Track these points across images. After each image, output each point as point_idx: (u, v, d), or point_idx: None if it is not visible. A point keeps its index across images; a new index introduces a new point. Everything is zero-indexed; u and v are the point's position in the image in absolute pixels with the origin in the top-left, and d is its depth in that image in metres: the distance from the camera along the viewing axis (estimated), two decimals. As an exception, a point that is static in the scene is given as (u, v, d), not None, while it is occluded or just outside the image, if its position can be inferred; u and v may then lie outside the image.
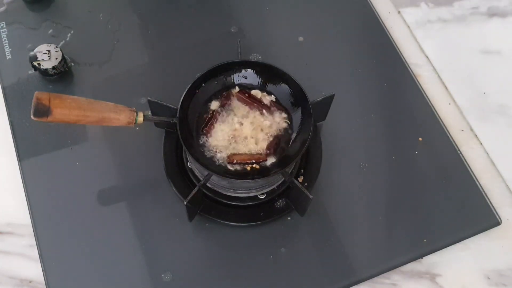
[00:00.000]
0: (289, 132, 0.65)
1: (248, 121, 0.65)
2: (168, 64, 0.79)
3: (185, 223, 0.67)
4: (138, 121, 0.59)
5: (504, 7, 0.82)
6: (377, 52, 0.81)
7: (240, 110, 0.65)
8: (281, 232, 0.67)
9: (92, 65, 0.79)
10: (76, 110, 0.53)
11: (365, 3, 0.85)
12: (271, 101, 0.66)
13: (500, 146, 0.75)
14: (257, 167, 0.62)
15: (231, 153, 0.63)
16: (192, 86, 0.64)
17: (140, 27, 0.83)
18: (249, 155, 0.63)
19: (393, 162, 0.73)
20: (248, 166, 0.62)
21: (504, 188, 0.72)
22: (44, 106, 0.50)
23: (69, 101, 0.52)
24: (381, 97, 0.78)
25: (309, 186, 0.68)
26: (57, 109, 0.51)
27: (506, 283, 0.66)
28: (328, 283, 0.65)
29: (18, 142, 0.72)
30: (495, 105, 0.77)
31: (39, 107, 0.50)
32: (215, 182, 0.67)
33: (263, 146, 0.63)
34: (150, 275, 0.64)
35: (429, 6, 0.85)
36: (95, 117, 0.54)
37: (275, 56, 0.79)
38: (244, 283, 0.65)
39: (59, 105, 0.51)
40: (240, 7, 0.85)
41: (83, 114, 0.53)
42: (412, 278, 0.66)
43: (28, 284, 0.65)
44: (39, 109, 0.50)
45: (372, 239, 0.68)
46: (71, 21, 0.82)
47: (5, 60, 0.78)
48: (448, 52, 0.82)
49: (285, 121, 0.66)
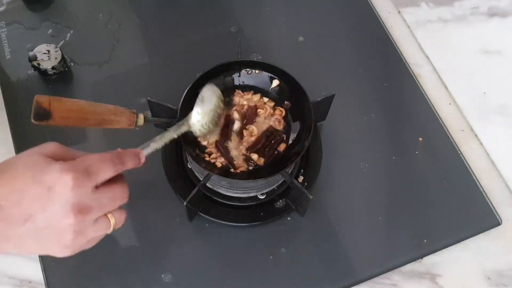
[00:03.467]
0: (289, 132, 0.65)
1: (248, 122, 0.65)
2: (168, 64, 0.79)
3: (185, 223, 0.67)
4: (138, 123, 0.58)
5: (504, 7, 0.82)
6: (377, 52, 0.81)
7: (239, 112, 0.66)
8: (281, 232, 0.67)
9: (92, 65, 0.78)
10: (77, 113, 0.53)
11: (365, 3, 0.85)
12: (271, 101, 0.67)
13: (500, 146, 0.75)
14: (282, 148, 0.64)
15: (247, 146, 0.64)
16: (192, 86, 0.64)
17: (140, 27, 0.83)
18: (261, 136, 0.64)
19: (393, 162, 0.72)
20: (257, 157, 0.63)
21: (504, 188, 0.72)
22: (44, 109, 0.50)
23: (69, 104, 0.52)
24: (381, 97, 0.78)
25: (309, 186, 0.68)
26: (57, 112, 0.51)
27: (506, 283, 0.66)
28: (328, 283, 0.65)
29: (17, 142, 0.72)
30: (495, 105, 0.77)
31: (39, 111, 0.50)
32: (215, 182, 0.66)
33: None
34: (150, 275, 0.64)
35: (429, 6, 0.85)
36: (96, 119, 0.54)
37: (275, 56, 0.79)
38: (244, 283, 0.65)
39: (59, 108, 0.51)
40: (240, 7, 0.85)
41: (83, 117, 0.53)
42: (412, 279, 0.66)
43: (27, 284, 0.65)
44: (40, 113, 0.50)
45: (372, 239, 0.68)
46: (70, 21, 0.82)
47: (5, 60, 0.78)
48: (448, 52, 0.81)
49: (285, 121, 0.66)
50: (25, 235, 0.40)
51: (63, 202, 0.39)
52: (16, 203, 0.39)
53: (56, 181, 0.39)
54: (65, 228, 0.40)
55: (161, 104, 0.66)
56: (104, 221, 0.43)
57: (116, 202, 0.43)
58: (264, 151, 0.64)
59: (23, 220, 0.39)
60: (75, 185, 0.39)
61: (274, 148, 0.64)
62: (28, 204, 0.39)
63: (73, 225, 0.40)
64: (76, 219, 0.39)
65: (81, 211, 0.40)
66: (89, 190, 0.40)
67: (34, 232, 0.40)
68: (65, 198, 0.39)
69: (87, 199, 0.40)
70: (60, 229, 0.40)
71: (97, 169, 0.41)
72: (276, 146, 0.64)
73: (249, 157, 0.63)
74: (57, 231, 0.40)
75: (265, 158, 0.63)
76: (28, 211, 0.39)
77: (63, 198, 0.39)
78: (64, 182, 0.39)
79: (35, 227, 0.39)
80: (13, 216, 0.39)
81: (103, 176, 0.41)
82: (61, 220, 0.39)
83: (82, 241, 0.42)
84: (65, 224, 0.39)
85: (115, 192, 0.43)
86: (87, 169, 0.40)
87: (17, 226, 0.39)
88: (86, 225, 0.41)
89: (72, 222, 0.39)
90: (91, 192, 0.40)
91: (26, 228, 0.39)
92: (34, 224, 0.39)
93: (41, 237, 0.40)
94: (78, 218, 0.39)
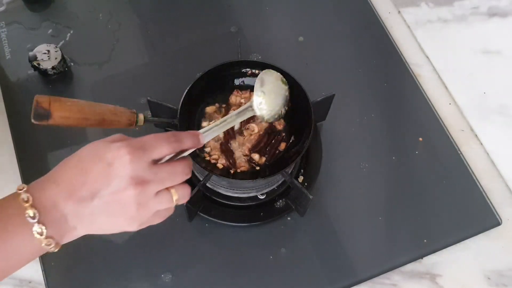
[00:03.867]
0: (289, 132, 0.65)
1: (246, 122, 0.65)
2: (168, 64, 0.79)
3: (185, 223, 0.67)
4: (138, 123, 0.58)
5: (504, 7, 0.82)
6: (377, 52, 0.81)
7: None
8: (281, 232, 0.67)
9: (92, 65, 0.78)
10: (77, 113, 0.53)
11: (365, 3, 0.85)
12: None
13: (500, 146, 0.74)
14: (282, 147, 0.64)
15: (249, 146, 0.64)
16: (192, 86, 0.64)
17: (140, 27, 0.83)
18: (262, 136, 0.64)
19: (393, 162, 0.72)
20: (257, 157, 0.63)
21: (504, 188, 0.72)
22: (44, 109, 0.50)
23: (69, 104, 0.52)
24: (381, 97, 0.78)
25: (309, 186, 0.68)
26: (57, 113, 0.51)
27: (506, 283, 0.66)
28: (328, 283, 0.65)
29: (17, 142, 0.72)
30: (495, 105, 0.77)
31: (39, 111, 0.50)
32: (215, 182, 0.66)
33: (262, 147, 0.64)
34: (150, 275, 0.64)
35: (429, 6, 0.85)
36: (96, 119, 0.54)
37: (275, 56, 0.79)
38: (244, 283, 0.65)
39: (59, 109, 0.51)
40: (240, 7, 0.85)
41: (83, 117, 0.53)
42: (412, 278, 0.66)
43: (27, 284, 0.65)
44: (40, 113, 0.50)
45: (372, 239, 0.68)
46: (70, 21, 0.82)
47: (5, 60, 0.78)
48: (448, 52, 0.81)
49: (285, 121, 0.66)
50: (96, 211, 0.42)
51: (122, 175, 0.41)
52: (83, 182, 0.42)
53: (115, 157, 0.42)
54: (127, 200, 0.42)
55: (161, 104, 0.66)
56: (166, 194, 0.44)
57: (177, 177, 0.45)
58: (266, 150, 0.64)
59: (91, 197, 0.42)
60: (132, 160, 0.42)
61: (276, 147, 0.64)
62: (93, 181, 0.42)
63: (134, 197, 0.42)
64: (136, 191, 0.42)
65: (140, 183, 0.42)
66: (146, 165, 0.42)
67: (103, 207, 0.42)
68: (123, 172, 0.41)
69: (145, 172, 0.42)
70: (124, 201, 0.42)
71: (151, 146, 0.43)
72: (277, 145, 0.64)
73: (250, 157, 0.63)
74: (122, 204, 0.42)
75: (266, 157, 0.63)
76: (94, 188, 0.42)
77: (122, 172, 0.42)
78: (121, 158, 0.42)
79: (102, 202, 0.42)
80: (82, 194, 0.42)
81: (159, 152, 0.44)
82: (123, 193, 0.42)
83: (147, 214, 0.44)
84: (127, 196, 0.42)
85: (174, 168, 0.44)
86: (142, 145, 0.43)
87: (87, 203, 0.42)
88: (148, 197, 0.43)
89: (133, 194, 0.42)
90: (148, 166, 0.43)
91: (95, 204, 0.42)
92: (101, 200, 0.42)
93: (110, 211, 0.43)
94: (137, 190, 0.42)
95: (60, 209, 0.42)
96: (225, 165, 0.63)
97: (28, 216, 0.41)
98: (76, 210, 0.42)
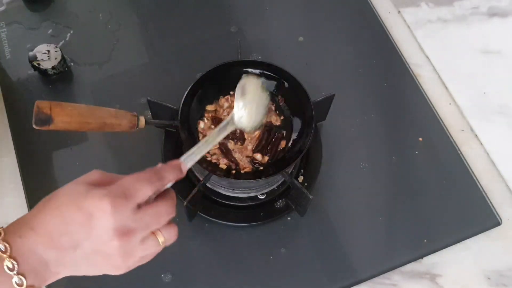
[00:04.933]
0: (289, 132, 0.65)
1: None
2: (168, 64, 0.79)
3: (185, 223, 0.67)
4: (139, 125, 0.58)
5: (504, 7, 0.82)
6: (377, 52, 0.81)
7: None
8: (281, 232, 0.67)
9: (92, 65, 0.78)
10: (78, 117, 0.53)
11: (365, 3, 0.85)
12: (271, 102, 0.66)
13: (501, 146, 0.74)
14: (282, 145, 0.64)
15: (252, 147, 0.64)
16: (192, 87, 0.64)
17: (140, 27, 0.83)
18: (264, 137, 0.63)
19: (393, 162, 0.72)
20: (261, 156, 0.63)
21: (504, 188, 0.72)
22: (46, 114, 0.50)
23: (70, 109, 0.52)
24: (381, 97, 0.78)
25: (309, 186, 0.68)
26: (58, 117, 0.51)
27: (506, 284, 0.66)
28: (328, 283, 0.65)
29: (17, 142, 0.72)
30: (495, 105, 0.77)
31: (40, 116, 0.50)
32: (215, 182, 0.66)
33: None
34: (150, 275, 0.64)
35: (429, 6, 0.85)
36: (97, 123, 0.54)
37: (275, 56, 0.79)
38: (244, 283, 0.65)
39: (60, 113, 0.51)
40: (240, 7, 0.85)
41: (84, 121, 0.53)
42: (412, 279, 0.66)
43: (27, 284, 0.65)
44: (41, 118, 0.50)
45: (372, 239, 0.68)
46: (70, 21, 0.82)
47: (5, 60, 0.78)
48: (448, 52, 0.81)
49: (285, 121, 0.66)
50: (79, 260, 0.40)
51: (105, 228, 0.39)
52: (63, 232, 0.39)
53: (95, 207, 0.39)
54: (112, 251, 0.40)
55: (161, 104, 0.66)
56: (152, 240, 0.42)
57: (162, 218, 0.42)
58: (267, 149, 0.64)
59: (73, 247, 0.40)
60: (114, 210, 0.39)
61: (277, 144, 0.64)
62: (74, 232, 0.39)
63: (119, 248, 0.40)
64: (121, 242, 0.40)
65: (125, 234, 0.40)
66: (129, 212, 0.40)
67: (86, 257, 0.40)
68: (106, 224, 0.39)
69: (129, 221, 0.40)
70: (108, 253, 0.40)
71: (134, 190, 0.40)
72: (278, 143, 0.64)
73: (253, 157, 0.63)
74: (105, 255, 0.40)
75: (269, 155, 0.63)
76: (75, 239, 0.40)
77: (104, 224, 0.39)
78: (102, 208, 0.39)
79: (85, 253, 0.40)
80: (63, 244, 0.40)
81: (141, 196, 0.41)
82: (107, 245, 0.40)
83: (133, 261, 0.42)
84: (111, 248, 0.40)
85: (158, 209, 0.42)
86: (124, 192, 0.40)
87: (68, 253, 0.40)
88: (133, 246, 0.41)
89: (117, 245, 0.40)
90: (132, 214, 0.40)
91: (78, 254, 0.40)
92: (83, 251, 0.40)
93: (93, 262, 0.41)
94: (122, 241, 0.40)
95: (40, 257, 0.40)
96: (228, 164, 0.63)
97: (6, 267, 0.38)
98: (57, 258, 0.40)
